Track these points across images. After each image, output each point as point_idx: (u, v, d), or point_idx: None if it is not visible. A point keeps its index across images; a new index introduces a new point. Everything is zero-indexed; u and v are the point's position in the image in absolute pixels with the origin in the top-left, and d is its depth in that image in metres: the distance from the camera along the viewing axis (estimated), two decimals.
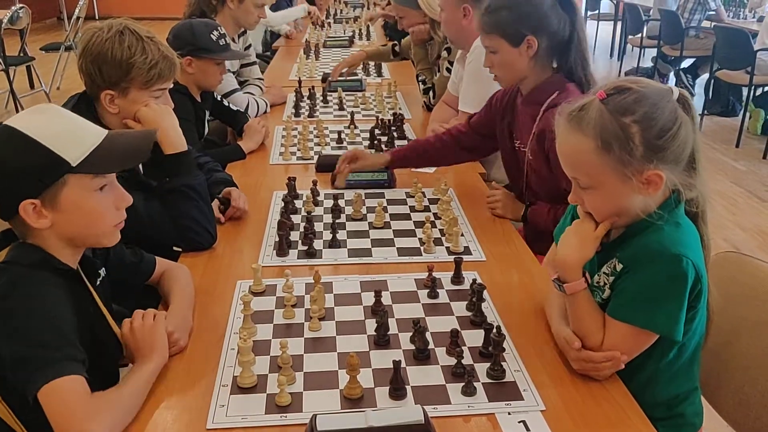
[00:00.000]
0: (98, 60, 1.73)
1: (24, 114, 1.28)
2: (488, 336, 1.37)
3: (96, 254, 1.44)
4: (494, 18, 1.94)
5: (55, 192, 1.24)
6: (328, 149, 2.65)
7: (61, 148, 1.23)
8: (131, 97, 1.78)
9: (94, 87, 1.77)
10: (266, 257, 1.81)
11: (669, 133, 1.23)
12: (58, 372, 1.14)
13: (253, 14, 3.21)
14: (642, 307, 1.28)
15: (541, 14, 1.90)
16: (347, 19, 6.25)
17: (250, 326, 1.47)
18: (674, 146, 1.23)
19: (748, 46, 5.62)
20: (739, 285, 1.54)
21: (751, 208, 4.62)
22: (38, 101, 6.73)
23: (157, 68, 1.77)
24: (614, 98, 1.25)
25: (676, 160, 1.25)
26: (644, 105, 1.23)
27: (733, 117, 6.50)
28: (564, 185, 1.57)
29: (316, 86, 3.44)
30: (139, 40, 1.75)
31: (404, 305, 1.58)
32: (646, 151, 1.23)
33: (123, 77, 1.74)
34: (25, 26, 6.60)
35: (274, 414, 1.23)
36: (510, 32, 1.92)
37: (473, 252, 1.84)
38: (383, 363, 1.35)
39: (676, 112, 1.24)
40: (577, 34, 1.93)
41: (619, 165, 1.24)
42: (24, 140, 1.21)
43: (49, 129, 1.24)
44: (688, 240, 1.30)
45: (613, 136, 1.23)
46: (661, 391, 1.41)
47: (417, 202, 2.13)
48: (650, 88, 1.26)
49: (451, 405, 1.25)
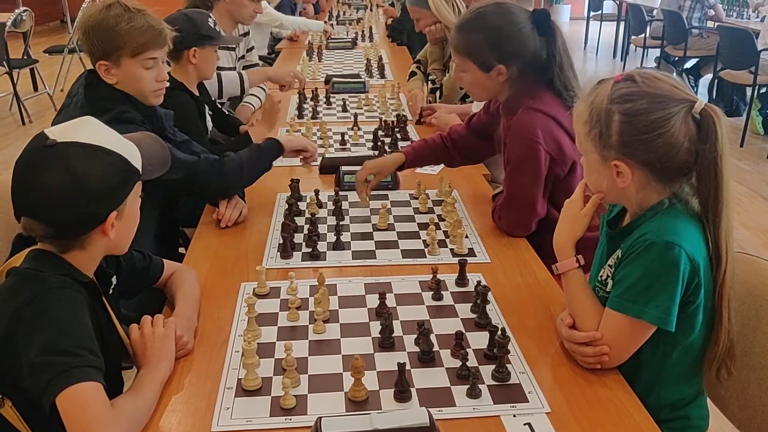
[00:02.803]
0: (91, 31, 1.83)
1: (80, 128, 1.26)
2: (493, 338, 1.37)
3: (108, 263, 1.45)
4: (465, 39, 1.86)
5: (126, 201, 1.29)
6: (331, 151, 2.65)
7: (130, 157, 1.28)
8: (123, 66, 1.85)
9: (93, 59, 1.86)
10: (270, 259, 1.81)
11: (645, 136, 1.25)
12: (77, 378, 1.14)
13: (248, 8, 3.19)
14: (635, 297, 1.29)
15: (514, 42, 1.81)
16: (350, 20, 6.26)
17: (255, 328, 1.47)
18: (647, 149, 1.27)
19: (752, 46, 5.61)
20: (745, 285, 1.54)
21: (756, 208, 4.61)
22: (42, 104, 6.76)
23: (144, 36, 1.84)
24: (622, 84, 1.29)
25: (648, 162, 1.28)
26: (637, 102, 1.26)
27: (737, 117, 6.49)
28: None
29: (320, 88, 3.44)
30: (126, 11, 1.83)
31: (408, 307, 1.57)
32: (619, 143, 1.29)
33: (113, 47, 1.82)
34: (29, 29, 6.62)
35: (279, 416, 1.23)
36: (481, 57, 1.84)
37: (477, 254, 1.84)
38: (388, 365, 1.35)
39: (669, 121, 1.24)
40: (557, 57, 1.83)
41: (597, 144, 1.32)
42: (109, 154, 1.24)
43: (114, 140, 1.28)
44: (685, 231, 1.30)
45: (598, 116, 1.30)
46: (666, 394, 1.40)
47: (421, 203, 2.12)
48: (658, 89, 1.27)
49: (456, 407, 1.25)
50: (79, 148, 1.22)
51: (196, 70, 2.55)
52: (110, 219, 1.25)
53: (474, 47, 1.85)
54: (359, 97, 3.36)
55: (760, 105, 6.11)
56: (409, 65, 3.80)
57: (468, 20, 1.89)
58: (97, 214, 1.24)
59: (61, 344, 1.16)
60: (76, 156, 1.21)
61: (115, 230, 1.28)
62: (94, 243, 1.28)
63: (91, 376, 1.15)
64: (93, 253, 1.30)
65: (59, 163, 1.20)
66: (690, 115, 1.25)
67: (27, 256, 1.28)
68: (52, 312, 1.18)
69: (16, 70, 6.26)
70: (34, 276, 1.23)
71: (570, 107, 1.55)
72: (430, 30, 3.23)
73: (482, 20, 1.85)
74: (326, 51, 4.69)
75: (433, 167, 2.48)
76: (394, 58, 4.58)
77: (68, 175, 1.19)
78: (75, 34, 6.93)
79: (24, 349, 1.16)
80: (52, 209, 1.22)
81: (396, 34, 5.21)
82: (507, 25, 1.82)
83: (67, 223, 1.23)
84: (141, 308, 1.72)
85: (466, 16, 1.91)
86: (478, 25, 1.85)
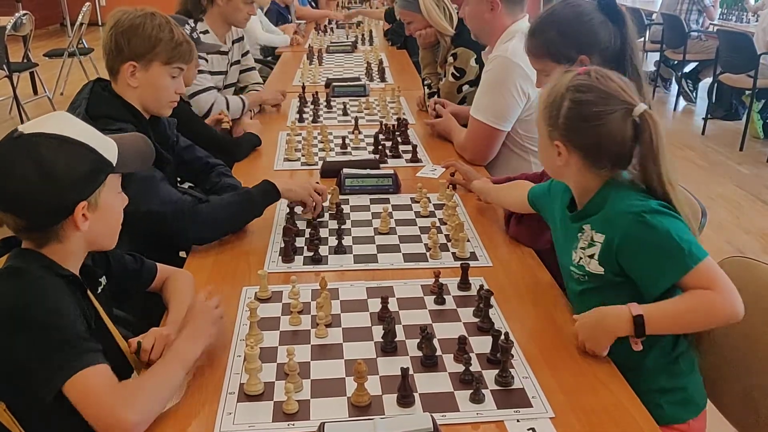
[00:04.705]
0: (129, 32, 1.87)
1: (49, 121, 1.27)
2: (496, 342, 1.37)
3: (96, 263, 1.44)
4: (541, 40, 1.88)
5: (98, 193, 1.28)
6: (332, 155, 2.65)
7: (102, 149, 1.28)
8: (152, 71, 1.90)
9: (119, 59, 1.89)
10: (272, 263, 1.80)
11: (584, 124, 1.41)
12: (80, 364, 1.14)
13: (242, 11, 3.16)
14: (671, 262, 1.34)
15: (589, 31, 1.83)
16: (350, 24, 6.27)
17: (257, 333, 1.46)
18: (583, 136, 1.42)
19: (752, 50, 5.62)
20: (746, 289, 1.53)
21: (755, 212, 4.61)
22: (41, 107, 6.75)
23: (180, 48, 1.92)
24: (581, 77, 1.44)
25: (582, 147, 1.44)
26: (586, 94, 1.41)
27: (736, 121, 6.50)
28: None
29: (320, 92, 3.44)
30: (168, 22, 1.93)
31: (411, 312, 1.57)
32: (563, 126, 1.44)
33: (149, 50, 1.88)
34: (29, 32, 6.63)
35: (282, 421, 1.22)
36: (560, 54, 1.84)
37: (479, 258, 1.83)
38: (390, 370, 1.35)
39: (608, 117, 1.39)
40: (629, 46, 1.84)
41: (548, 123, 1.47)
42: (76, 144, 1.25)
43: (86, 132, 1.29)
44: (645, 197, 1.41)
45: (554, 99, 1.46)
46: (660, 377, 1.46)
47: (422, 207, 2.12)
48: (607, 87, 1.41)
49: (459, 412, 1.24)
50: (45, 139, 1.23)
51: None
52: (78, 210, 1.24)
53: (551, 45, 1.86)
54: (360, 101, 3.36)
55: (759, 108, 6.11)
56: (408, 68, 3.80)
57: (539, 23, 1.91)
58: (65, 204, 1.24)
59: (55, 337, 1.16)
60: (42, 146, 1.22)
61: (90, 223, 1.27)
62: (70, 236, 1.28)
63: (92, 360, 1.16)
64: (71, 247, 1.29)
65: (25, 153, 1.21)
66: (630, 117, 1.39)
67: (9, 256, 1.29)
68: (38, 303, 1.19)
69: (16, 73, 6.25)
70: (15, 271, 1.23)
71: None
72: (421, 34, 3.24)
73: (553, 19, 1.88)
74: (326, 54, 4.69)
75: (434, 170, 2.48)
76: (394, 61, 4.58)
77: (34, 166, 1.21)
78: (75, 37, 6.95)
79: (16, 348, 1.16)
80: (21, 200, 1.23)
81: (395, 38, 5.22)
82: (578, 17, 1.85)
83: (36, 214, 1.24)
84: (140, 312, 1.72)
85: (536, 20, 1.93)
86: (550, 24, 1.88)
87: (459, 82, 3.01)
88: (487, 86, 2.51)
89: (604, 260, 1.42)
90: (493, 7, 2.52)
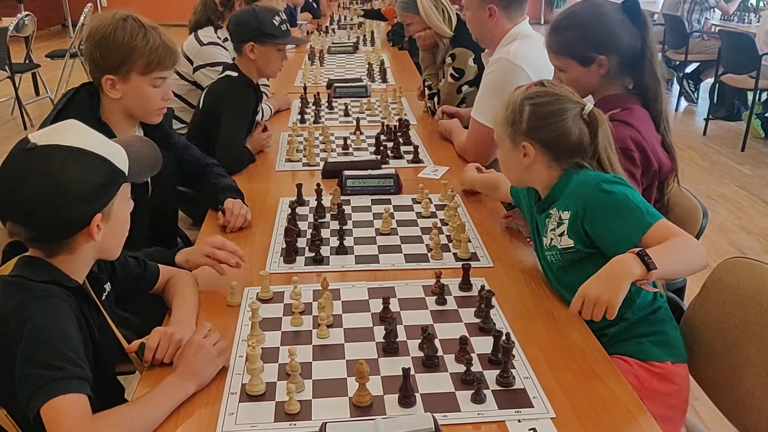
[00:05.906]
0: (101, 44, 1.78)
1: (61, 130, 1.26)
2: (497, 343, 1.37)
3: (101, 269, 1.44)
4: (562, 38, 1.91)
5: (111, 203, 1.27)
6: (334, 155, 2.65)
7: (114, 158, 1.27)
8: (133, 83, 1.81)
9: (97, 72, 1.81)
10: (273, 264, 1.81)
11: (545, 121, 1.58)
12: (58, 390, 1.12)
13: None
14: (632, 220, 1.48)
15: (610, 31, 1.85)
16: (351, 25, 6.27)
17: (258, 333, 1.47)
18: (546, 131, 1.58)
19: (754, 51, 5.61)
20: (747, 289, 1.54)
21: (757, 212, 4.61)
22: (43, 108, 6.76)
23: (156, 54, 1.80)
24: (535, 88, 1.62)
25: (546, 142, 1.59)
26: (543, 97, 1.59)
27: (738, 121, 6.49)
28: None
29: (321, 92, 3.44)
30: (141, 27, 1.80)
31: (412, 312, 1.57)
32: (526, 127, 1.60)
33: (124, 61, 1.78)
34: (31, 33, 6.64)
35: (284, 422, 1.23)
36: (580, 53, 1.87)
37: (481, 258, 1.84)
38: (392, 370, 1.35)
39: (565, 113, 1.57)
40: (649, 48, 1.86)
41: (510, 131, 1.63)
42: (90, 156, 1.23)
43: (99, 142, 1.27)
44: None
45: (513, 110, 1.62)
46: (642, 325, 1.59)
47: (424, 208, 2.12)
48: (560, 91, 1.61)
49: (460, 412, 1.25)
50: (59, 151, 1.21)
51: (255, 65, 2.60)
52: (94, 221, 1.24)
53: (573, 44, 1.89)
54: (361, 102, 3.37)
55: (761, 108, 6.11)
56: (410, 69, 3.80)
57: (560, 21, 1.94)
58: (79, 217, 1.23)
59: (43, 356, 1.15)
60: (55, 159, 1.20)
61: (102, 233, 1.26)
62: (82, 247, 1.27)
63: (73, 388, 1.14)
64: (81, 257, 1.29)
65: (39, 166, 1.19)
66: (581, 115, 1.57)
67: (16, 263, 1.27)
68: (34, 322, 1.17)
69: (17, 74, 6.27)
70: (19, 285, 1.22)
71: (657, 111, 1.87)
72: (420, 36, 3.24)
73: (574, 17, 1.92)
74: (328, 55, 4.70)
75: (435, 171, 2.48)
76: (396, 62, 4.58)
77: (48, 179, 1.19)
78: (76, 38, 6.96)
79: (12, 359, 1.16)
80: (34, 213, 1.21)
81: (397, 38, 5.22)
82: (599, 17, 1.88)
83: (49, 227, 1.23)
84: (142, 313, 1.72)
85: (558, 18, 1.97)
86: (571, 23, 1.91)
87: (458, 82, 3.01)
88: (488, 88, 2.51)
89: (572, 232, 1.55)
90: (491, 14, 2.55)
